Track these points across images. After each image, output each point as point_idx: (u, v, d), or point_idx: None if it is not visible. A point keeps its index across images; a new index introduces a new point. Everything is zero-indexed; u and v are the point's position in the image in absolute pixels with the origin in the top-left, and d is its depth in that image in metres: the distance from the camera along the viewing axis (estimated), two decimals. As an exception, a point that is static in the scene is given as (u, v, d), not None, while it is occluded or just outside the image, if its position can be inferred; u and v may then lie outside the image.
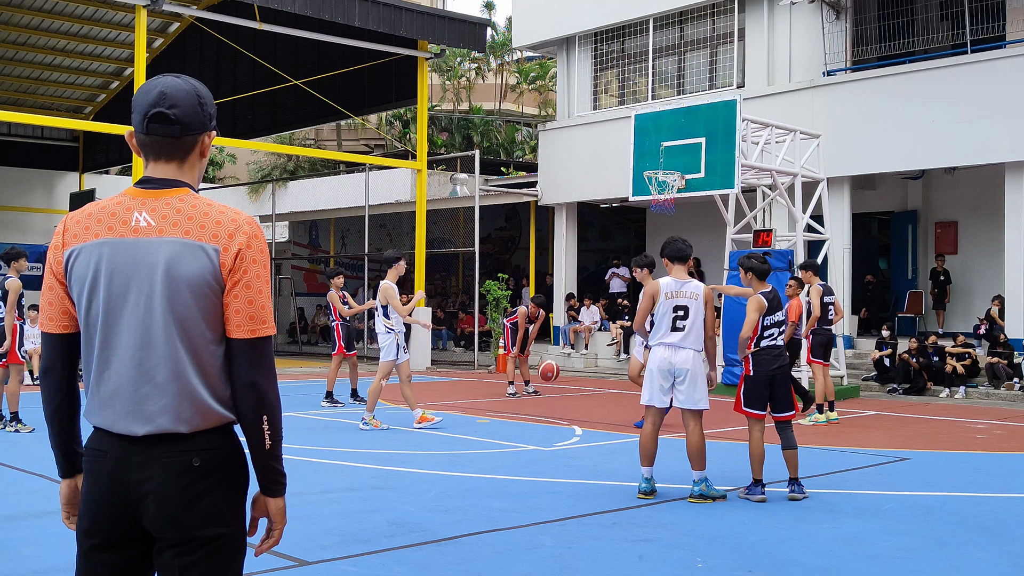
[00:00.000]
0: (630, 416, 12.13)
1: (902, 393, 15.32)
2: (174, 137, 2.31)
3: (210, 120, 2.37)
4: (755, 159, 14.91)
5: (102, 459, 2.26)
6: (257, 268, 2.29)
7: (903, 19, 17.33)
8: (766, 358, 7.09)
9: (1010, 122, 15.17)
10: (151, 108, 2.29)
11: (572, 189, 21.23)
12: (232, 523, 2.29)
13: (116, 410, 2.25)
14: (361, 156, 26.83)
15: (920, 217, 19.42)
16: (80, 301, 2.29)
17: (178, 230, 2.25)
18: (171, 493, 2.21)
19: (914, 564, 5.26)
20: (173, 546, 2.22)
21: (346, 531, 5.79)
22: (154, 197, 2.30)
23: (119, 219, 2.28)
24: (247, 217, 2.33)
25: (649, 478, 6.95)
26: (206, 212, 2.28)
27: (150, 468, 2.22)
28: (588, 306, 21.17)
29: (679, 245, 7.09)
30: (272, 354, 2.35)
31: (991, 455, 9.37)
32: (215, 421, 2.28)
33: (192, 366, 2.25)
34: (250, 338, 2.28)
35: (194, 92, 2.33)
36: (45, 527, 5.84)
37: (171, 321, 2.23)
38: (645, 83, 20.80)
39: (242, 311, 2.27)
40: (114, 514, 2.24)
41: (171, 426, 2.23)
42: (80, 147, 29.57)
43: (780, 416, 7.12)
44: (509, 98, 38.38)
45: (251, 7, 18.29)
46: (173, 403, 2.23)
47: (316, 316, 27.95)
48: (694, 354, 6.93)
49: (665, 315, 6.97)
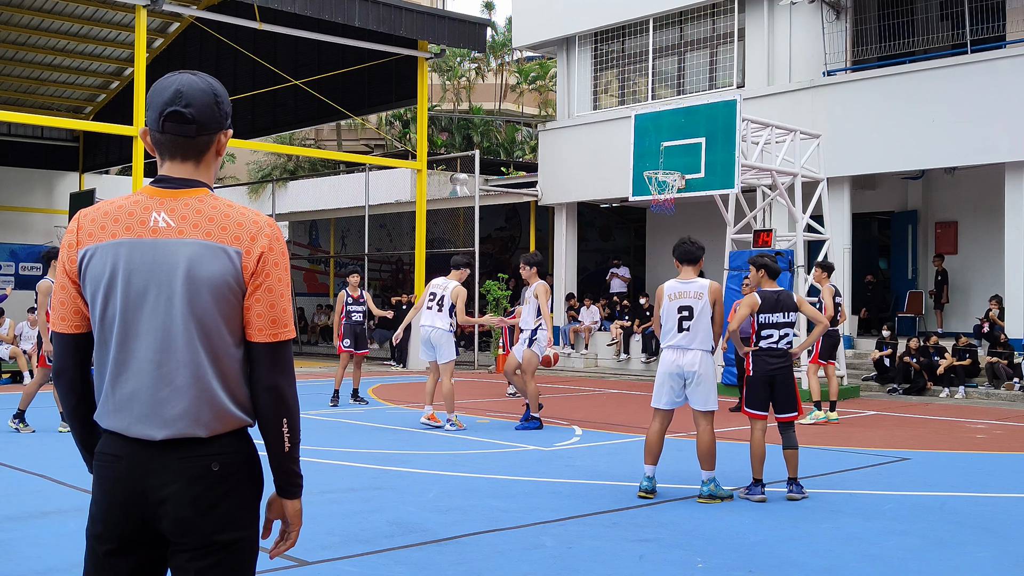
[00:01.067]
0: (630, 416, 12.14)
1: (902, 393, 15.33)
2: (189, 136, 2.28)
3: (226, 119, 2.35)
4: (755, 159, 14.91)
5: (116, 464, 2.23)
6: (279, 272, 2.28)
7: (903, 19, 17.33)
8: (765, 359, 7.08)
9: (1010, 122, 15.17)
10: (166, 106, 2.25)
11: (572, 189, 21.23)
12: (249, 526, 2.28)
13: (133, 413, 2.22)
14: (361, 156, 26.85)
15: (920, 217, 19.43)
16: (95, 302, 2.25)
17: (199, 231, 2.23)
18: (189, 498, 2.19)
19: (914, 564, 5.26)
20: (190, 550, 2.20)
21: (346, 531, 5.79)
22: (172, 197, 2.27)
23: (137, 219, 2.25)
24: (268, 219, 2.31)
25: (651, 477, 6.95)
26: (227, 214, 2.26)
27: (168, 473, 2.19)
28: (588, 306, 21.17)
29: (687, 247, 7.03)
30: (292, 357, 2.34)
31: (991, 455, 9.37)
32: (233, 425, 2.26)
33: (212, 369, 2.23)
34: (272, 342, 2.27)
35: (211, 90, 2.30)
36: (45, 527, 5.84)
37: (191, 323, 2.21)
38: (645, 83, 20.80)
39: (264, 315, 2.26)
40: (129, 519, 2.21)
41: (190, 430, 2.20)
42: (80, 147, 29.56)
43: (782, 417, 7.11)
44: (509, 98, 38.40)
45: (251, 7, 18.28)
46: (192, 407, 2.21)
47: (316, 316, 27.96)
48: (702, 355, 6.89)
49: (671, 317, 6.96)
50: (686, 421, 8.46)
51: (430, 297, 10.71)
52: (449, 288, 10.59)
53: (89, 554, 2.28)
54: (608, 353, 20.47)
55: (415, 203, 21.10)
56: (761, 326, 7.14)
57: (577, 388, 16.42)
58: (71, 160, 29.53)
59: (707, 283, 6.98)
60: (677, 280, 7.04)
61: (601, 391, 15.96)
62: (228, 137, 2.39)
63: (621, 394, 15.37)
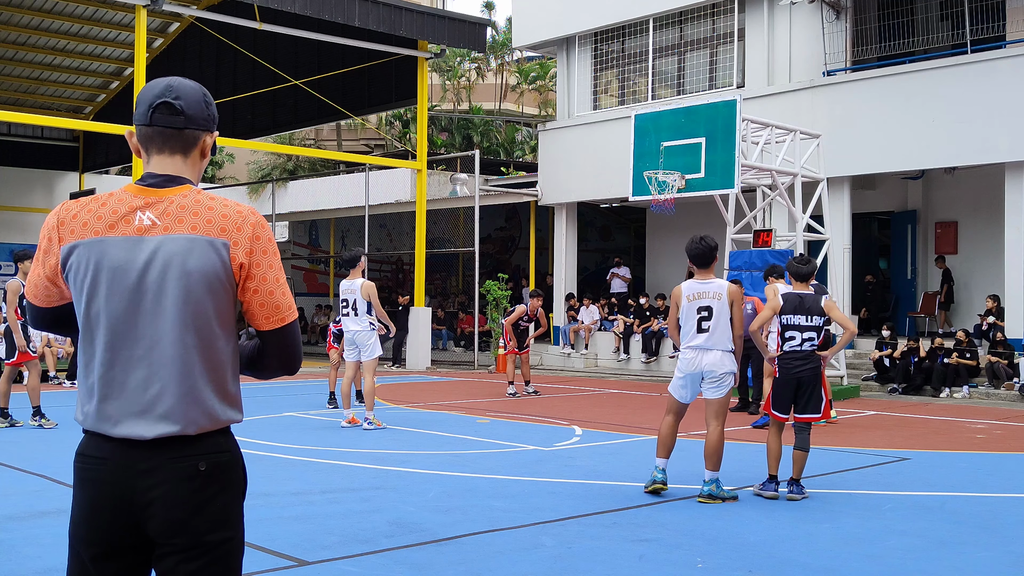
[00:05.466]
0: (630, 416, 12.14)
1: (902, 393, 15.33)
2: (178, 128, 2.28)
3: (213, 121, 2.36)
4: (755, 159, 14.91)
5: (101, 467, 2.20)
6: (269, 258, 2.29)
7: (903, 19, 17.33)
8: (788, 362, 7.06)
9: (1010, 122, 15.17)
10: (156, 99, 2.27)
11: (572, 189, 21.23)
12: (237, 525, 2.27)
13: (121, 412, 2.20)
14: (361, 156, 26.83)
15: (920, 217, 19.43)
16: (79, 300, 2.24)
17: (184, 226, 2.22)
18: (179, 499, 2.17)
19: (914, 564, 5.26)
20: (179, 551, 2.18)
21: (346, 531, 5.78)
22: (157, 195, 2.26)
23: (120, 216, 2.24)
24: (250, 208, 2.32)
25: (663, 469, 6.95)
26: (211, 207, 2.26)
27: (156, 474, 2.17)
28: (588, 306, 21.18)
29: (695, 247, 6.93)
30: (299, 331, 2.39)
31: (991, 455, 9.37)
32: (221, 423, 2.26)
33: (201, 366, 2.22)
34: (279, 327, 2.31)
35: (200, 90, 2.34)
36: (45, 527, 5.84)
37: (180, 319, 2.20)
38: (645, 83, 20.80)
39: (266, 304, 2.29)
40: (116, 522, 2.19)
41: (178, 428, 2.19)
42: (80, 147, 29.56)
43: (801, 417, 7.09)
44: (509, 98, 38.40)
45: (251, 7, 18.29)
46: (181, 405, 2.20)
47: (316, 316, 27.96)
48: (722, 354, 6.87)
49: (690, 318, 6.94)
50: (691, 422, 8.47)
51: (343, 304, 10.68)
52: (357, 290, 10.59)
53: (73, 558, 2.25)
54: (608, 353, 20.47)
55: (415, 203, 21.10)
56: (784, 328, 7.09)
57: (577, 388, 16.42)
58: (71, 160, 29.53)
59: (725, 284, 6.96)
60: (695, 280, 7.00)
61: (601, 391, 15.96)
62: (214, 140, 2.39)
63: (621, 394, 15.37)
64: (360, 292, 10.54)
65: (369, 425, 10.50)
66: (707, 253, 6.91)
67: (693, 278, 7.04)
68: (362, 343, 10.63)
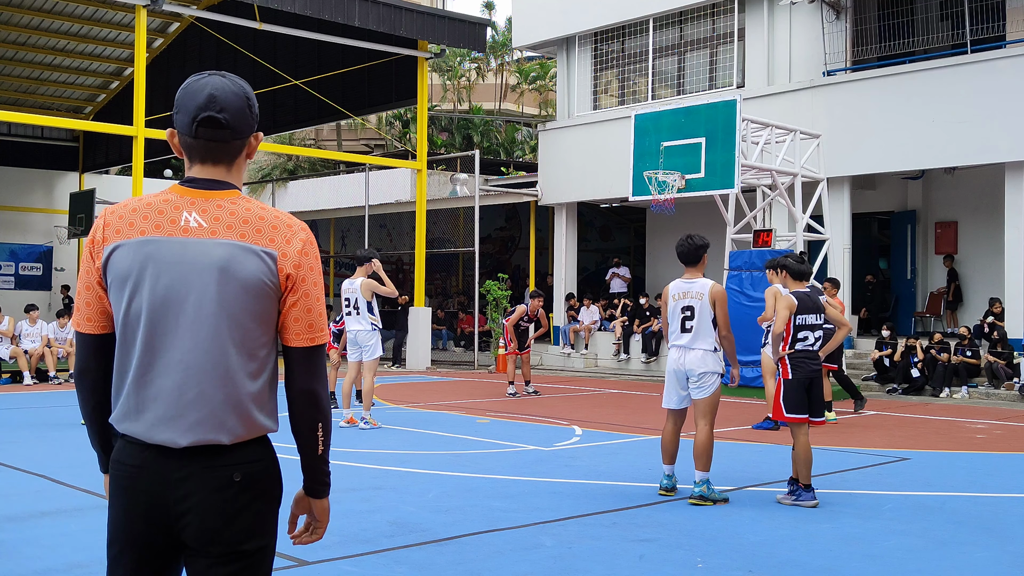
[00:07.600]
0: (630, 416, 12.14)
1: (902, 393, 15.33)
2: (224, 142, 2.25)
3: (257, 121, 2.32)
4: (755, 159, 14.92)
5: (137, 475, 2.19)
6: (315, 276, 2.27)
7: (903, 19, 17.33)
8: (805, 361, 6.98)
9: (1010, 122, 15.17)
10: (200, 112, 2.21)
11: (572, 189, 21.23)
12: (271, 533, 2.27)
13: (156, 416, 2.17)
14: (361, 156, 26.83)
15: (920, 217, 19.43)
16: (119, 300, 2.20)
17: (232, 233, 2.19)
18: (213, 509, 2.16)
19: (914, 564, 5.26)
20: (213, 556, 2.18)
21: (346, 531, 5.78)
22: (204, 198, 2.23)
23: (167, 217, 2.20)
24: (301, 223, 2.29)
25: (670, 475, 6.98)
26: (261, 216, 2.23)
27: (190, 484, 2.15)
28: (588, 306, 21.18)
29: (682, 245, 6.97)
30: (325, 362, 2.34)
31: (991, 455, 9.37)
32: (256, 432, 2.23)
33: (240, 373, 2.19)
34: (309, 346, 2.26)
35: (243, 94, 2.28)
36: (45, 527, 5.84)
37: (223, 325, 2.17)
38: (645, 83, 20.80)
39: (301, 319, 2.25)
40: (152, 530, 2.18)
41: (213, 436, 2.16)
42: (80, 147, 29.55)
43: (813, 421, 6.99)
44: (509, 98, 38.39)
45: (251, 7, 18.29)
46: (218, 411, 2.17)
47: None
48: (703, 353, 6.85)
49: (675, 317, 6.97)
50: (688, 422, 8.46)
51: (345, 303, 10.69)
52: (357, 289, 10.60)
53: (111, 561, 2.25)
54: (608, 353, 20.47)
55: (415, 203, 21.10)
56: (798, 328, 7.00)
57: (577, 388, 16.42)
58: (71, 160, 29.53)
59: (708, 283, 6.94)
60: (681, 280, 7.03)
61: (601, 391, 15.96)
62: (259, 140, 2.37)
63: (621, 394, 15.37)
64: (360, 291, 10.55)
65: (365, 424, 10.52)
66: (693, 251, 6.93)
67: (681, 277, 7.07)
68: (364, 343, 10.64)
